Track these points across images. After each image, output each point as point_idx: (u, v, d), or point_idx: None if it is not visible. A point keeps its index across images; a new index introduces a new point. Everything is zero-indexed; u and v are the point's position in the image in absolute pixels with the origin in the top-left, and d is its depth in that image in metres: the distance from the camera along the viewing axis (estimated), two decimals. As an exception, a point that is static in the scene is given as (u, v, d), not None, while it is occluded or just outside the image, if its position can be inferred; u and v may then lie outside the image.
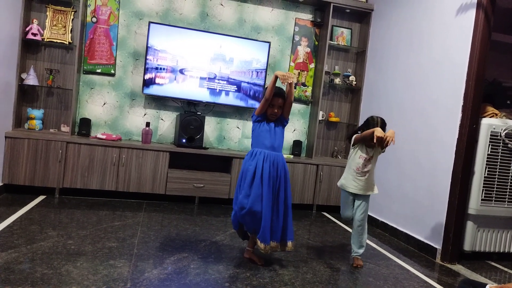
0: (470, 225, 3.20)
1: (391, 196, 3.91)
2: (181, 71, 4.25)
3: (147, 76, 4.16)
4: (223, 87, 4.37)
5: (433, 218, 3.31)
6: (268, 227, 2.54)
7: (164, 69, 4.20)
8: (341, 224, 4.00)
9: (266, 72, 4.46)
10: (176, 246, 2.84)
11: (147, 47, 4.12)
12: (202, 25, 4.47)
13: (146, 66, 4.14)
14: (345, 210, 2.98)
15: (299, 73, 4.76)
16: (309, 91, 4.81)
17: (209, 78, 4.33)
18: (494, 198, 3.21)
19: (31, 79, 3.89)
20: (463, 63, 3.13)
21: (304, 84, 4.79)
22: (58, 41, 4.03)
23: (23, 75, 3.89)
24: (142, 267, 2.39)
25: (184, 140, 4.15)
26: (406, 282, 2.67)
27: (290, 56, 4.75)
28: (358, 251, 2.89)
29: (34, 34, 3.88)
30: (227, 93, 4.39)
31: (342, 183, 2.97)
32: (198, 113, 4.27)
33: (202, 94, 4.33)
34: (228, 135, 4.65)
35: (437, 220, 3.26)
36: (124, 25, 4.29)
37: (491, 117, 3.21)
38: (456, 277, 2.88)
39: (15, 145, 3.66)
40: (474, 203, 3.16)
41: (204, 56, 4.30)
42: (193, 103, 4.42)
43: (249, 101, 4.42)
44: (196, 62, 4.28)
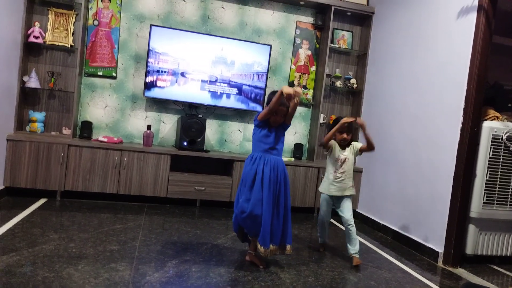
0: (472, 229, 3.19)
1: (393, 199, 3.91)
2: (183, 74, 4.25)
3: (149, 79, 4.16)
4: (224, 90, 4.38)
5: (435, 222, 3.30)
6: (268, 231, 2.55)
7: (166, 72, 4.20)
8: (342, 227, 3.99)
9: (267, 75, 4.46)
10: (178, 249, 2.83)
11: (149, 50, 4.13)
12: (204, 28, 4.48)
13: (148, 69, 4.15)
14: (324, 215, 3.11)
15: (300, 76, 4.77)
16: (310, 94, 4.81)
17: (210, 81, 4.34)
18: (496, 201, 3.20)
19: (33, 82, 3.90)
20: (465, 66, 3.13)
21: (305, 87, 4.80)
22: (60, 44, 4.04)
23: (25, 78, 3.90)
24: (144, 270, 2.39)
25: (186, 143, 4.15)
26: (408, 286, 2.66)
27: (291, 59, 4.76)
28: (355, 249, 2.94)
29: (36, 37, 3.89)
30: (228, 96, 4.40)
31: (323, 187, 3.12)
32: (199, 116, 4.27)
33: (204, 97, 4.33)
34: (229, 138, 4.65)
35: (439, 223, 3.25)
36: (126, 28, 4.30)
37: (493, 120, 3.21)
38: (458, 281, 2.87)
39: (17, 148, 3.66)
40: (476, 206, 3.16)
41: (206, 59, 4.30)
42: (195, 106, 4.42)
43: (250, 104, 4.43)
44: (198, 65, 4.28)
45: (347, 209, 3.00)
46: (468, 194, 3.16)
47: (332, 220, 4.28)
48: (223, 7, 4.53)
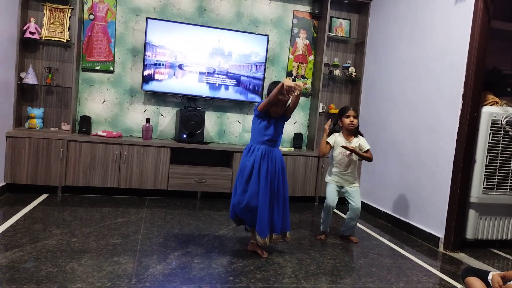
0: (472, 214, 3.20)
1: (393, 186, 3.92)
2: (180, 67, 4.24)
3: (146, 72, 4.15)
4: (223, 82, 4.36)
5: (435, 207, 3.31)
6: (265, 221, 2.58)
7: (163, 65, 4.19)
8: (343, 216, 4.00)
9: (265, 66, 4.44)
10: (180, 241, 2.85)
11: (145, 43, 4.11)
12: (200, 20, 4.45)
13: (145, 62, 4.13)
14: (331, 201, 3.16)
15: (299, 66, 4.75)
16: (309, 84, 4.80)
17: (208, 73, 4.32)
18: (496, 186, 3.21)
19: (30, 78, 3.89)
20: (463, 52, 3.12)
21: (304, 77, 4.78)
22: (56, 39, 4.02)
23: (22, 74, 3.89)
24: (146, 263, 2.40)
25: (185, 136, 4.15)
26: (410, 272, 2.68)
27: (289, 49, 4.73)
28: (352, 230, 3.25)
29: (32, 33, 3.87)
30: (227, 88, 4.38)
31: (329, 178, 3.22)
32: (198, 108, 4.27)
33: (202, 89, 4.32)
34: (229, 130, 4.64)
35: (439, 209, 3.27)
36: (122, 22, 4.28)
37: (492, 105, 3.20)
38: (459, 266, 2.89)
39: (16, 145, 3.67)
40: (476, 192, 3.16)
41: (203, 51, 4.28)
42: (193, 98, 4.41)
43: (249, 95, 4.41)
44: (195, 57, 4.27)
45: (357, 197, 3.14)
46: (468, 180, 3.16)
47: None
48: (219, -2, 4.50)
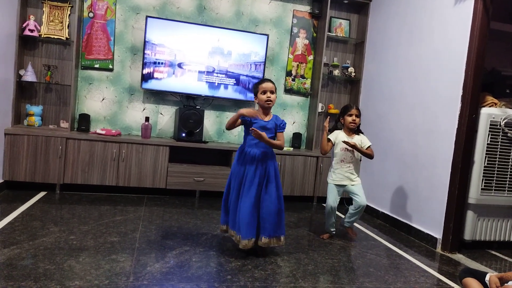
0: (470, 215, 3.21)
1: (391, 187, 3.92)
2: (179, 65, 4.24)
3: (145, 71, 4.15)
4: (222, 81, 4.36)
5: (433, 208, 3.32)
6: (245, 223, 2.56)
7: (162, 64, 4.18)
8: (342, 215, 4.01)
9: (265, 65, 4.45)
10: (178, 240, 2.85)
11: (145, 42, 4.11)
12: (200, 19, 4.45)
13: (144, 61, 4.13)
14: (332, 202, 3.16)
15: (298, 65, 4.75)
16: (308, 83, 4.80)
17: (208, 72, 4.32)
18: (494, 187, 3.21)
19: (29, 76, 3.88)
20: (462, 53, 3.13)
21: (303, 77, 4.78)
22: (56, 37, 4.02)
23: (21, 72, 3.88)
24: (144, 261, 2.40)
25: (184, 134, 4.15)
26: (407, 272, 2.68)
27: (289, 49, 4.73)
28: (352, 223, 3.27)
29: (31, 30, 3.86)
30: (226, 87, 4.38)
31: (331, 178, 3.21)
32: (197, 107, 4.27)
33: (201, 88, 4.32)
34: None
35: (437, 210, 3.27)
36: (121, 20, 4.27)
37: (491, 107, 3.21)
38: (457, 266, 2.89)
39: (15, 142, 3.66)
40: (474, 193, 3.17)
41: (202, 50, 4.28)
42: (192, 97, 4.41)
43: (248, 94, 4.41)
44: (194, 56, 4.26)
45: (361, 193, 3.13)
46: (466, 181, 3.17)
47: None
48: (219, -3, 4.49)
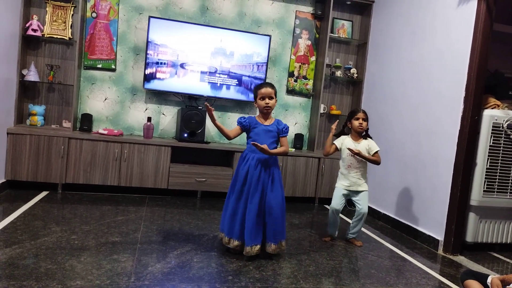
0: (472, 217, 3.20)
1: (393, 188, 3.91)
2: (182, 66, 4.24)
3: (148, 71, 4.15)
4: (224, 81, 4.37)
5: (435, 210, 3.31)
6: (249, 231, 2.55)
7: (165, 64, 4.19)
8: (343, 217, 4.01)
9: (267, 66, 4.45)
10: (179, 240, 2.85)
11: (148, 42, 4.11)
12: (202, 19, 4.45)
13: (147, 61, 4.13)
14: (335, 204, 3.14)
15: (300, 66, 4.75)
16: (310, 84, 4.80)
17: (210, 72, 4.32)
18: (496, 189, 3.20)
19: (32, 75, 3.89)
20: (465, 55, 3.12)
21: (305, 77, 4.78)
22: (58, 37, 4.03)
23: (24, 71, 3.89)
24: (146, 261, 2.40)
25: (186, 135, 4.15)
26: (409, 274, 2.68)
27: (291, 49, 4.73)
28: (356, 233, 3.22)
29: (34, 30, 3.88)
30: (228, 87, 4.38)
31: (338, 184, 3.20)
32: (199, 108, 4.27)
33: (203, 89, 4.32)
34: (230, 129, 4.62)
35: (439, 212, 3.26)
36: (124, 20, 4.28)
37: (493, 109, 3.20)
38: (459, 268, 2.88)
39: (17, 141, 3.67)
40: (476, 195, 3.16)
41: (205, 50, 4.28)
42: (194, 98, 4.41)
43: (250, 95, 4.41)
44: (197, 57, 4.27)
45: (364, 201, 3.10)
46: (469, 183, 3.16)
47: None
48: (222, -2, 4.50)
